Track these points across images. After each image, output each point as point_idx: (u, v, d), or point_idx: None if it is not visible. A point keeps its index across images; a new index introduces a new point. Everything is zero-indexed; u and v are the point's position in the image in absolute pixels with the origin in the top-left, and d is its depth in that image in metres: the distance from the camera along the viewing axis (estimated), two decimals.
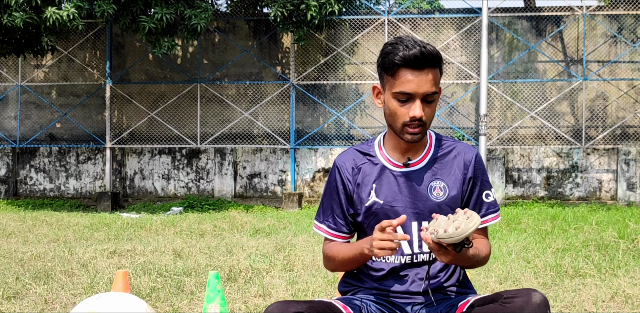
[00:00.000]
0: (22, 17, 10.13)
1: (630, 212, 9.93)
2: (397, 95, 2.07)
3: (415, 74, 2.04)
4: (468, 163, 2.21)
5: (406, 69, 2.04)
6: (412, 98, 2.06)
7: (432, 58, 2.03)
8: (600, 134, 11.97)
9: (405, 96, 2.06)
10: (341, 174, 2.25)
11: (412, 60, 2.02)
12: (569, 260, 5.61)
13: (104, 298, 2.44)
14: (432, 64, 2.05)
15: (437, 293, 2.18)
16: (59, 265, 5.49)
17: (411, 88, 2.04)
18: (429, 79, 2.05)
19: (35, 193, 13.49)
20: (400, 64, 2.04)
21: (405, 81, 2.05)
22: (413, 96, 2.06)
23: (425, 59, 2.03)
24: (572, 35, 12.24)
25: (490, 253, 2.23)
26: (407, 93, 2.05)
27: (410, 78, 2.04)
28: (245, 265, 5.42)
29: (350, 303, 2.11)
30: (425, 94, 2.05)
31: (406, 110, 2.07)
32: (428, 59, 2.03)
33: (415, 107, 2.05)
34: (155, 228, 8.38)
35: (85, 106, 13.52)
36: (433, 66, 2.05)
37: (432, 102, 2.09)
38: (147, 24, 10.43)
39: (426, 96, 2.06)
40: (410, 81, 2.04)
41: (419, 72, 2.04)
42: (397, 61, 2.04)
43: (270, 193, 12.74)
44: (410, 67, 2.04)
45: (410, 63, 2.03)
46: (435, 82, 2.07)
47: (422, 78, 2.04)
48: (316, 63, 12.55)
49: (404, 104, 2.08)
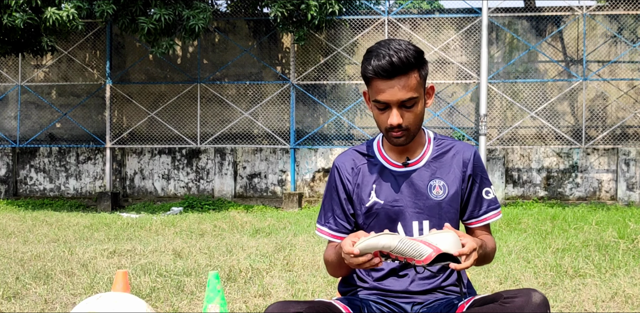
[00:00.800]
0: (22, 18, 10.14)
1: (630, 212, 9.93)
2: (375, 103, 2.10)
3: (386, 84, 2.04)
4: (467, 161, 2.22)
5: (377, 80, 2.05)
6: (389, 106, 2.07)
7: (402, 67, 2.02)
8: (600, 134, 11.97)
9: (382, 104, 2.08)
10: (340, 175, 2.25)
11: (381, 71, 2.02)
12: (569, 260, 5.61)
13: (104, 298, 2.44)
14: (403, 72, 2.03)
15: (437, 293, 2.18)
16: (59, 265, 5.49)
17: (384, 97, 2.06)
18: (401, 85, 2.04)
19: (35, 193, 13.49)
20: (371, 75, 2.05)
21: (378, 91, 2.06)
22: (389, 105, 2.07)
23: (395, 68, 2.01)
24: (572, 35, 12.24)
25: (496, 248, 2.24)
26: (383, 102, 2.07)
27: (382, 88, 2.05)
28: (245, 265, 5.42)
29: (350, 303, 2.11)
30: (399, 101, 2.05)
31: (386, 117, 2.09)
32: (397, 69, 2.02)
33: (392, 115, 2.07)
34: (155, 228, 8.38)
35: (85, 106, 13.52)
36: (404, 72, 2.03)
37: (412, 107, 2.08)
38: (146, 25, 10.44)
39: (404, 102, 2.06)
40: (383, 91, 2.05)
41: (390, 82, 2.04)
42: (369, 73, 2.05)
43: (270, 193, 12.74)
44: (381, 77, 2.04)
45: (380, 74, 2.03)
46: (409, 88, 2.05)
47: (395, 87, 2.04)
48: (316, 63, 12.55)
49: (384, 112, 2.09)
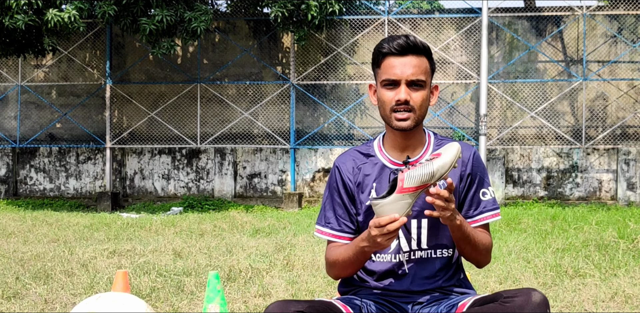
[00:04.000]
0: (23, 20, 10.16)
1: (630, 212, 9.93)
2: (384, 83, 2.13)
3: (399, 60, 2.10)
4: (466, 160, 2.21)
5: (390, 57, 2.12)
6: (398, 84, 2.11)
7: (415, 45, 2.10)
8: (600, 134, 11.97)
9: (391, 82, 2.11)
10: (342, 174, 2.25)
11: (395, 47, 2.10)
12: (569, 260, 5.61)
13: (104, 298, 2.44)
14: (416, 51, 2.11)
15: (437, 292, 2.18)
16: (59, 265, 5.49)
17: (395, 74, 2.10)
18: (412, 64, 2.10)
19: (35, 193, 13.49)
20: (385, 52, 2.12)
21: (389, 67, 2.11)
22: (398, 82, 2.10)
23: (408, 46, 2.09)
24: (572, 35, 12.24)
25: (492, 246, 2.23)
26: (392, 79, 2.11)
27: (394, 64, 2.11)
28: (245, 265, 5.42)
29: (350, 303, 2.11)
30: (410, 79, 2.09)
31: (393, 95, 2.12)
32: (411, 46, 2.10)
33: (400, 91, 2.10)
34: (155, 228, 8.38)
35: (85, 106, 13.52)
36: (417, 52, 2.11)
37: (420, 88, 2.12)
38: (147, 26, 10.45)
39: (413, 83, 2.10)
40: (394, 66, 2.10)
41: (403, 58, 2.10)
42: (383, 50, 2.12)
43: (270, 193, 12.74)
44: (394, 54, 2.10)
45: (394, 50, 2.10)
46: (421, 70, 2.11)
47: (406, 63, 2.10)
48: (316, 63, 12.55)
49: (391, 91, 2.12)
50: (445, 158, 1.96)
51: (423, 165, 1.95)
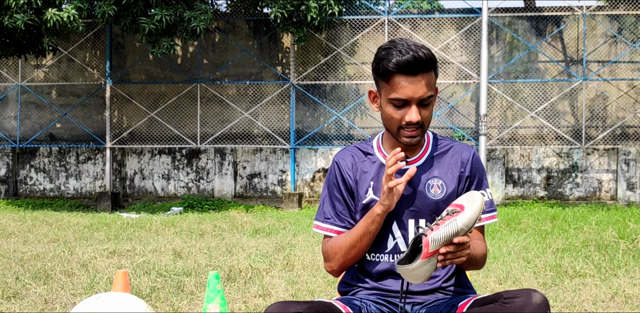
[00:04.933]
0: (23, 19, 10.15)
1: (630, 212, 9.93)
2: (392, 101, 2.07)
3: (409, 80, 2.03)
4: (465, 161, 2.21)
5: (400, 75, 2.04)
6: (408, 103, 2.06)
7: (426, 63, 2.02)
8: (600, 134, 11.97)
9: (401, 101, 2.06)
10: (341, 170, 2.25)
11: (406, 66, 2.01)
12: (569, 260, 5.61)
13: (104, 298, 2.44)
14: (426, 69, 2.04)
15: (437, 293, 2.18)
16: (59, 265, 5.49)
17: (406, 94, 2.04)
18: (423, 84, 2.04)
19: (35, 193, 13.49)
20: (394, 70, 2.03)
21: (400, 87, 2.04)
22: (409, 102, 2.06)
23: (419, 64, 2.02)
24: (572, 35, 12.24)
25: (487, 254, 2.21)
26: (403, 99, 2.05)
27: (404, 84, 2.04)
28: (245, 265, 5.42)
29: (350, 303, 2.11)
30: (420, 98, 2.06)
31: (402, 115, 2.08)
32: (422, 64, 2.02)
33: (411, 112, 2.06)
34: (155, 228, 8.38)
35: (85, 106, 13.52)
36: (427, 70, 2.04)
37: (428, 105, 2.09)
38: (147, 26, 10.45)
39: (422, 100, 2.07)
40: (405, 87, 2.04)
41: (414, 78, 2.03)
42: (391, 68, 2.03)
43: (270, 193, 12.74)
44: (404, 73, 2.03)
45: (404, 69, 2.02)
46: (430, 86, 2.06)
47: (417, 84, 2.04)
48: (316, 63, 12.55)
49: (400, 109, 2.08)
50: (469, 215, 1.88)
51: (446, 224, 1.87)
